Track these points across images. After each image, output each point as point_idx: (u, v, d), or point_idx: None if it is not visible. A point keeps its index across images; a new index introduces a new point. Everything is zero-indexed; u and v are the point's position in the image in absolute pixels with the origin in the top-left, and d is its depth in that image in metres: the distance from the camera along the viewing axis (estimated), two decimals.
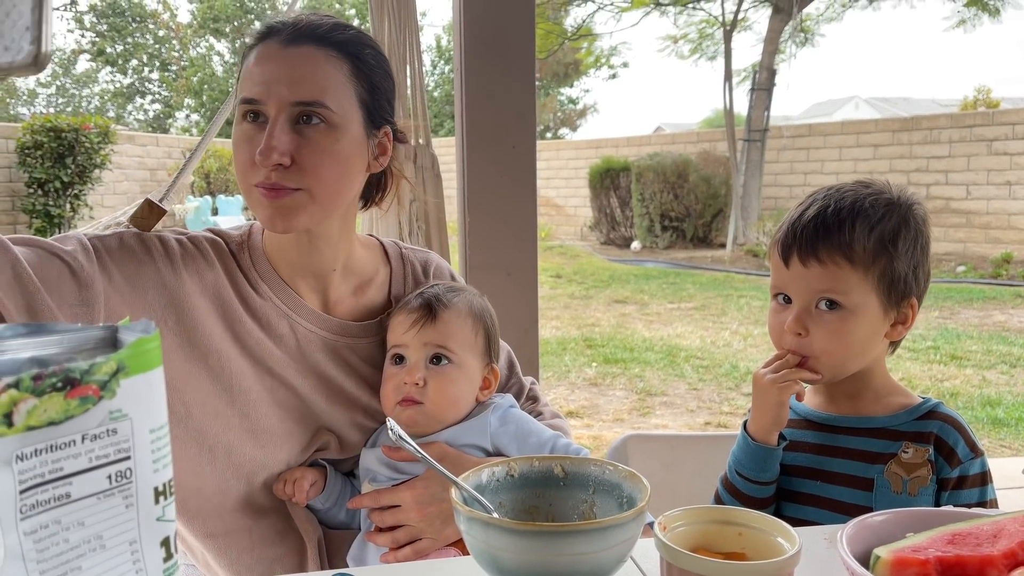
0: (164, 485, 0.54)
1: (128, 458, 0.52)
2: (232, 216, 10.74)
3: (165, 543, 0.54)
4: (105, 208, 10.98)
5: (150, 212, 1.18)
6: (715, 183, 12.70)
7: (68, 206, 10.32)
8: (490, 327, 1.20)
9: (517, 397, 1.30)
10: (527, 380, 1.35)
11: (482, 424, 1.15)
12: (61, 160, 10.09)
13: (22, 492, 0.47)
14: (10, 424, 0.45)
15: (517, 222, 2.16)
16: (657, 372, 5.75)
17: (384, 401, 1.16)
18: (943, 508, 0.91)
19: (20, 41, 0.55)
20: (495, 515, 0.80)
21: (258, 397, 1.10)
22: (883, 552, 0.74)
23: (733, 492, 1.19)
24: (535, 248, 2.21)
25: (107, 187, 11.10)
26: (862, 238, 1.12)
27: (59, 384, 0.47)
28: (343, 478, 1.20)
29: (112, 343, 0.62)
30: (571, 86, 28.82)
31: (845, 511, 1.14)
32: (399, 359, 1.15)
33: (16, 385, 0.45)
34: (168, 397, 1.01)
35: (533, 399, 1.35)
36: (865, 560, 0.75)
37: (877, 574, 0.73)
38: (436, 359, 1.14)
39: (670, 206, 12.63)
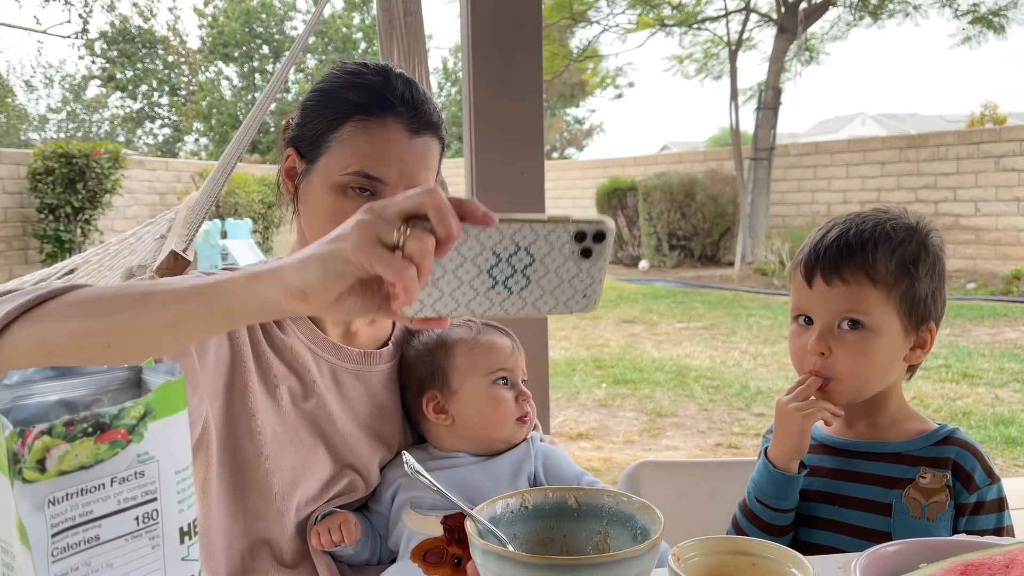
0: (189, 525, 0.55)
1: (155, 499, 0.53)
2: (241, 239, 10.78)
3: None
4: (115, 232, 11.04)
5: (175, 263, 1.20)
6: (722, 202, 12.71)
7: (79, 231, 10.40)
8: None
9: None
10: None
11: (527, 458, 1.17)
12: (72, 185, 10.18)
13: (54, 536, 0.48)
14: (43, 470, 0.47)
15: None
16: (667, 393, 5.73)
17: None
18: (956, 538, 0.91)
19: (581, 299, 0.74)
20: (510, 548, 0.81)
21: (282, 436, 1.11)
22: None
23: (752, 519, 1.18)
24: None
25: (117, 212, 11.18)
26: (884, 259, 1.13)
27: (90, 429, 0.48)
28: (361, 515, 1.21)
29: (136, 383, 0.63)
30: (577, 106, 29.01)
31: (863, 536, 1.13)
32: None
33: (49, 432, 0.47)
34: (207, 429, 1.03)
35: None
36: None
37: None
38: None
39: (677, 225, 12.64)
